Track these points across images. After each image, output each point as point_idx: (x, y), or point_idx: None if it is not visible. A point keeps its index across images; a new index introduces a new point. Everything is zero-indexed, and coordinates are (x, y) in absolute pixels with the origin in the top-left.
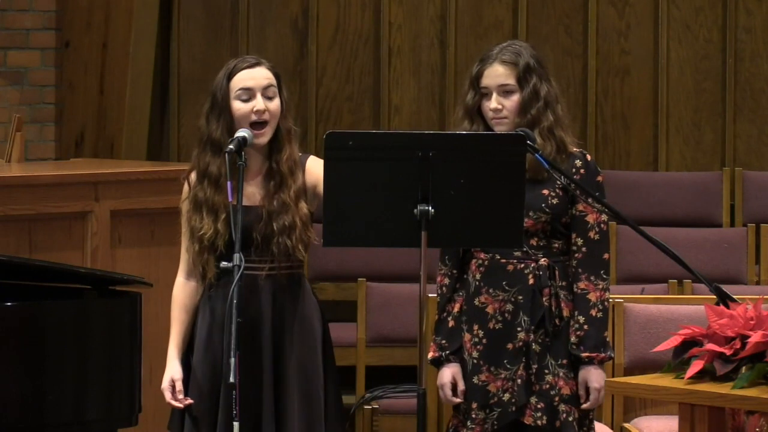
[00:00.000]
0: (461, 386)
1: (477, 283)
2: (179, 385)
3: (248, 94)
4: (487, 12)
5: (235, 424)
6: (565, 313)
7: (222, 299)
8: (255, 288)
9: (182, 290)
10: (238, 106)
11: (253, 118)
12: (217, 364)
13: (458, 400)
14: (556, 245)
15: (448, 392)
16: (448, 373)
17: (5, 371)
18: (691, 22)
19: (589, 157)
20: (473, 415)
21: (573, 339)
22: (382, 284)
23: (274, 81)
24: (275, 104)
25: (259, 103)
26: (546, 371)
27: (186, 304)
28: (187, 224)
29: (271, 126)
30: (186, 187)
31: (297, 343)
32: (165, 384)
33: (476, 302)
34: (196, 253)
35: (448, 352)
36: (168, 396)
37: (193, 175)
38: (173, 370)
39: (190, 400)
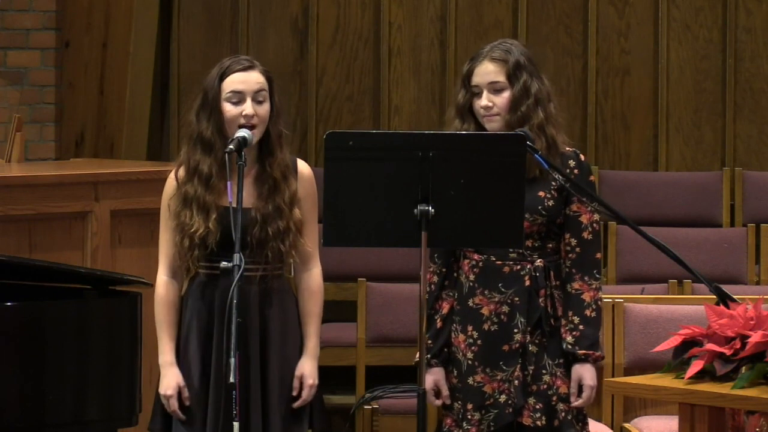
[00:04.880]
0: (444, 391)
1: (471, 284)
2: (186, 392)
3: (238, 97)
4: (487, 12)
5: (235, 425)
6: (560, 312)
7: (215, 300)
8: (246, 290)
9: (167, 289)
10: (228, 108)
11: (242, 121)
12: (207, 363)
13: (439, 401)
14: (550, 246)
15: (431, 398)
16: (430, 379)
17: (5, 371)
18: (691, 22)
19: (582, 157)
20: (469, 416)
21: (569, 339)
22: (382, 284)
23: (265, 85)
24: (264, 108)
25: (248, 107)
26: (543, 371)
27: (173, 302)
28: (175, 220)
29: (259, 130)
30: (173, 182)
31: (282, 344)
32: (170, 391)
33: (470, 303)
34: (185, 249)
35: (429, 355)
36: (175, 404)
37: (181, 171)
38: (176, 375)
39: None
